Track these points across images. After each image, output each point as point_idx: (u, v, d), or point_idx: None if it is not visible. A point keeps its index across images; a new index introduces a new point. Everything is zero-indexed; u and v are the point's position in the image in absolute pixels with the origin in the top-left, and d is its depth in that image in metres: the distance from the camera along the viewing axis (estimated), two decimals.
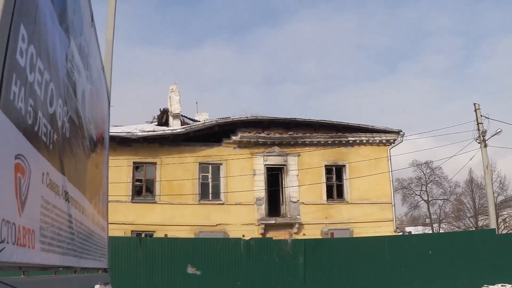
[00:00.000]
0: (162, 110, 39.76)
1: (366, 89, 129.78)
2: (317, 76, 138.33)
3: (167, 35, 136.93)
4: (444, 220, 74.54)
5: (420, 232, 59.93)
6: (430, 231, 68.73)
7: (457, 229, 67.02)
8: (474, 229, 61.49)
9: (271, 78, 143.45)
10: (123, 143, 34.37)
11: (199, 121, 40.18)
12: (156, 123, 40.65)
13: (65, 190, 3.36)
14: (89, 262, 4.73)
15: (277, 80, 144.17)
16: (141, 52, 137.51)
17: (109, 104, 7.05)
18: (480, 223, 65.73)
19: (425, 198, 74.36)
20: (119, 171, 33.78)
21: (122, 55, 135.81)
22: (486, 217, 46.32)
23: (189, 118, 42.20)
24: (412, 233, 51.48)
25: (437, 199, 74.85)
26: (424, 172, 73.31)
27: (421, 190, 74.80)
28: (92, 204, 4.87)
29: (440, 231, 68.11)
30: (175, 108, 38.22)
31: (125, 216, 33.37)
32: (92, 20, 4.73)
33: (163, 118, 39.87)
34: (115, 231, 31.20)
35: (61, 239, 3.30)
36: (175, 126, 37.23)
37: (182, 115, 40.32)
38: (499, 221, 61.96)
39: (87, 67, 4.43)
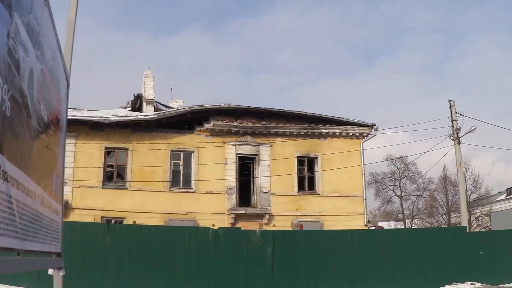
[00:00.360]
0: (136, 95, 39.51)
1: (344, 82, 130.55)
2: (295, 67, 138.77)
3: (145, 21, 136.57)
4: (416, 216, 75.17)
5: (393, 227, 60.39)
6: (403, 227, 69.21)
7: (429, 225, 67.63)
8: (446, 226, 62.03)
9: (249, 68, 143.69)
10: (95, 127, 34.15)
11: (173, 108, 40.00)
12: (130, 108, 40.38)
13: (3, 169, 3.28)
14: (37, 245, 4.64)
15: (255, 70, 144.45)
16: (119, 37, 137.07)
17: (68, 85, 6.93)
18: (452, 221, 66.32)
19: (399, 193, 74.82)
20: (91, 155, 33.65)
21: (100, 39, 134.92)
22: (458, 214, 46.80)
23: (163, 105, 42.00)
24: (384, 228, 51.85)
25: (410, 195, 75.41)
26: (398, 167, 73.76)
27: (394, 185, 75.28)
28: (41, 186, 4.78)
29: (412, 227, 68.60)
30: (148, 93, 37.99)
31: (95, 202, 33.23)
32: None
33: (136, 103, 39.64)
34: (86, 217, 31.10)
35: None
36: (148, 112, 37.04)
37: (156, 101, 40.12)
38: (471, 219, 62.71)
39: (37, 46, 4.33)
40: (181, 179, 35.78)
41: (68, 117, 27.99)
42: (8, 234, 3.49)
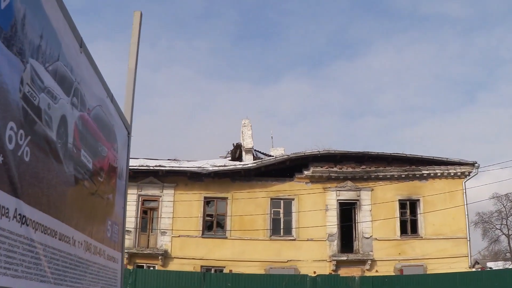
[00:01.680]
0: (235, 145, 39.99)
1: (445, 120, 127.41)
2: (395, 108, 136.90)
3: (245, 70, 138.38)
4: None
5: (501, 267, 58.06)
6: (511, 266, 66.39)
7: None
8: None
9: (350, 111, 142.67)
10: (194, 178, 34.77)
11: (273, 156, 40.19)
12: (230, 158, 40.85)
13: (19, 213, 3.30)
14: None
15: (356, 113, 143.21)
16: (220, 87, 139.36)
17: (129, 133, 7.01)
18: None
19: (506, 231, 72.05)
20: (190, 205, 34.19)
21: (201, 89, 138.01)
22: None
23: (263, 153, 42.22)
24: (493, 268, 49.81)
25: None
26: (504, 205, 71.16)
27: (501, 224, 72.55)
28: (85, 233, 4.79)
29: None
30: (247, 142, 38.36)
31: (195, 251, 33.60)
32: (81, 46, 4.70)
33: (236, 153, 40.08)
34: (185, 266, 31.46)
35: (12, 261, 3.25)
36: (247, 161, 37.32)
37: (256, 150, 40.42)
38: None
39: (71, 93, 4.39)
40: (282, 227, 35.75)
41: (167, 168, 28.75)
42: (29, 277, 3.49)
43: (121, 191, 6.63)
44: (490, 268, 53.95)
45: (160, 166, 35.09)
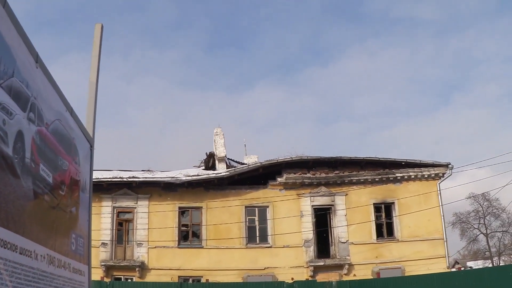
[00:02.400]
0: (208, 154, 39.99)
1: (419, 123, 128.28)
2: (370, 112, 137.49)
3: (218, 78, 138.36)
4: (504, 253, 72.70)
5: (480, 266, 58.52)
6: (490, 265, 66.92)
7: None
8: None
9: (325, 117, 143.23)
10: (168, 188, 34.74)
11: (246, 164, 40.22)
12: (204, 167, 40.83)
13: None
14: None
15: (331, 119, 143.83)
16: (194, 96, 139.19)
17: (91, 146, 7.03)
18: None
19: (484, 231, 72.67)
20: (165, 216, 34.14)
21: (175, 99, 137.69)
22: None
23: (236, 162, 42.26)
24: (473, 267, 50.19)
25: (495, 232, 73.09)
26: (482, 204, 71.76)
27: (479, 223, 73.15)
28: (47, 246, 4.81)
29: (500, 264, 66.30)
30: (220, 151, 38.39)
31: (171, 262, 33.56)
32: (37, 61, 4.74)
33: (209, 162, 40.06)
34: (162, 277, 31.38)
35: None
36: (220, 169, 37.34)
37: (229, 159, 40.46)
38: None
39: (28, 108, 4.42)
40: (257, 235, 35.82)
41: (140, 179, 28.65)
42: None
43: (85, 204, 6.65)
44: (470, 267, 54.40)
45: (133, 177, 35.00)
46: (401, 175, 37.12)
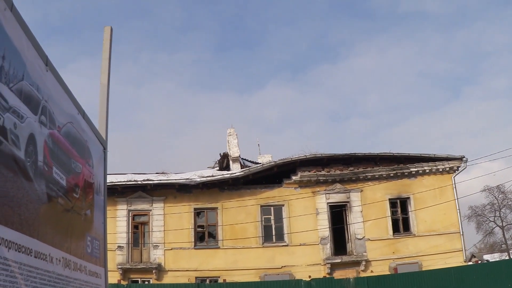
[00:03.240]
0: (222, 154, 40.01)
1: (432, 117, 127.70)
2: (381, 108, 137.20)
3: (228, 80, 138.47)
4: None
5: (497, 259, 58.21)
6: (507, 257, 66.56)
7: None
8: None
9: (336, 114, 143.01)
10: (182, 190, 34.81)
11: (260, 163, 40.19)
12: (218, 167, 40.86)
13: None
14: None
15: (342, 116, 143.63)
16: (205, 98, 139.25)
17: (104, 149, 7.03)
18: None
19: (499, 223, 72.31)
20: (181, 217, 34.21)
21: (186, 101, 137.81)
22: None
23: (250, 161, 42.25)
24: (489, 260, 49.93)
25: (511, 224, 72.71)
26: (497, 197, 71.38)
27: (495, 216, 72.76)
28: (62, 249, 4.81)
29: None
30: (233, 151, 38.42)
31: (188, 263, 33.60)
32: (47, 64, 4.74)
33: (223, 162, 40.08)
34: (179, 278, 31.43)
35: None
36: (235, 169, 37.35)
37: (243, 158, 40.47)
38: None
39: (39, 111, 4.42)
40: (274, 233, 35.78)
41: (155, 182, 28.67)
42: None
43: (99, 207, 6.65)
44: (487, 260, 54.18)
45: (148, 180, 35.07)
46: (415, 169, 36.95)
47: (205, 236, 35.60)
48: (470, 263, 38.70)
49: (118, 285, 24.69)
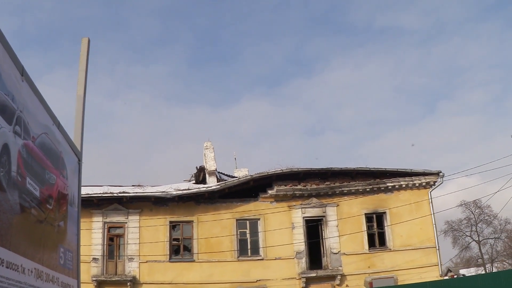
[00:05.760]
0: (198, 168, 39.99)
1: (407, 131, 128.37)
2: (357, 123, 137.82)
3: (204, 93, 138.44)
4: (496, 259, 72.94)
5: (473, 274, 58.57)
6: (483, 272, 67.05)
7: (510, 267, 65.34)
8: None
9: (312, 129, 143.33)
10: (158, 202, 34.74)
11: (236, 177, 40.20)
12: (194, 181, 40.82)
13: None
14: None
15: (318, 131, 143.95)
16: (180, 111, 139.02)
17: (79, 160, 7.02)
18: None
19: (476, 238, 72.99)
20: (156, 230, 34.11)
21: (161, 114, 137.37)
22: None
23: (227, 175, 42.26)
24: (466, 275, 50.20)
25: (487, 239, 73.41)
26: (473, 212, 72.13)
27: (471, 231, 73.47)
28: (34, 260, 4.80)
29: (493, 271, 66.47)
30: (210, 165, 38.39)
31: (163, 276, 33.49)
32: (23, 75, 4.73)
33: (200, 176, 40.05)
34: None
35: None
36: (211, 183, 37.32)
37: (219, 172, 40.45)
38: None
39: (14, 121, 4.41)
40: (249, 247, 35.75)
41: (131, 194, 28.52)
42: None
43: (73, 218, 6.62)
44: (463, 275, 54.42)
45: (124, 192, 34.93)
46: (392, 184, 37.16)
47: (180, 249, 35.47)
48: (446, 277, 38.80)
49: None
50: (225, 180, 38.37)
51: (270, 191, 36.13)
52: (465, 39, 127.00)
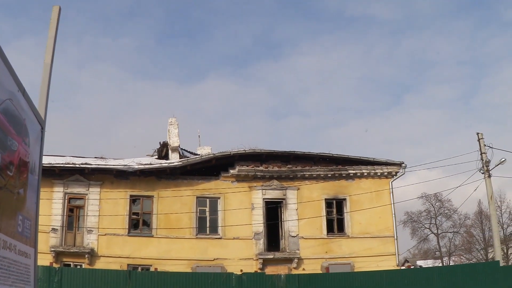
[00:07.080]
0: (161, 143, 39.85)
1: (372, 121, 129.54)
2: (322, 108, 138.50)
3: (170, 69, 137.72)
4: (454, 253, 74.05)
5: (430, 266, 59.39)
6: (440, 265, 68.04)
7: (467, 261, 66.36)
8: (484, 261, 60.86)
9: (276, 111, 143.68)
10: (120, 176, 34.54)
11: (199, 155, 40.14)
12: (157, 156, 40.69)
13: None
14: None
15: (282, 113, 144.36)
16: (145, 86, 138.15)
17: (42, 128, 6.95)
18: (490, 255, 65.08)
19: (435, 231, 73.94)
20: (116, 203, 33.92)
21: (127, 88, 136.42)
22: None
23: (190, 152, 42.16)
24: (422, 266, 50.92)
25: (446, 232, 74.42)
26: (434, 205, 73.00)
27: (430, 223, 74.42)
28: None
29: (450, 264, 67.52)
30: (173, 141, 38.28)
31: (121, 250, 33.38)
32: None
33: (162, 151, 39.95)
34: (111, 265, 31.15)
35: None
36: (173, 159, 37.25)
37: (182, 149, 40.37)
38: (509, 252, 61.53)
39: None
40: (208, 226, 35.81)
41: (93, 166, 28.34)
42: None
43: (33, 186, 6.58)
44: (420, 266, 55.21)
45: (86, 164, 34.66)
46: (353, 171, 37.46)
47: (139, 223, 35.39)
48: (403, 267, 39.31)
49: (50, 268, 24.25)
50: (188, 157, 38.31)
51: (231, 171, 36.18)
52: (436, 34, 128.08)
